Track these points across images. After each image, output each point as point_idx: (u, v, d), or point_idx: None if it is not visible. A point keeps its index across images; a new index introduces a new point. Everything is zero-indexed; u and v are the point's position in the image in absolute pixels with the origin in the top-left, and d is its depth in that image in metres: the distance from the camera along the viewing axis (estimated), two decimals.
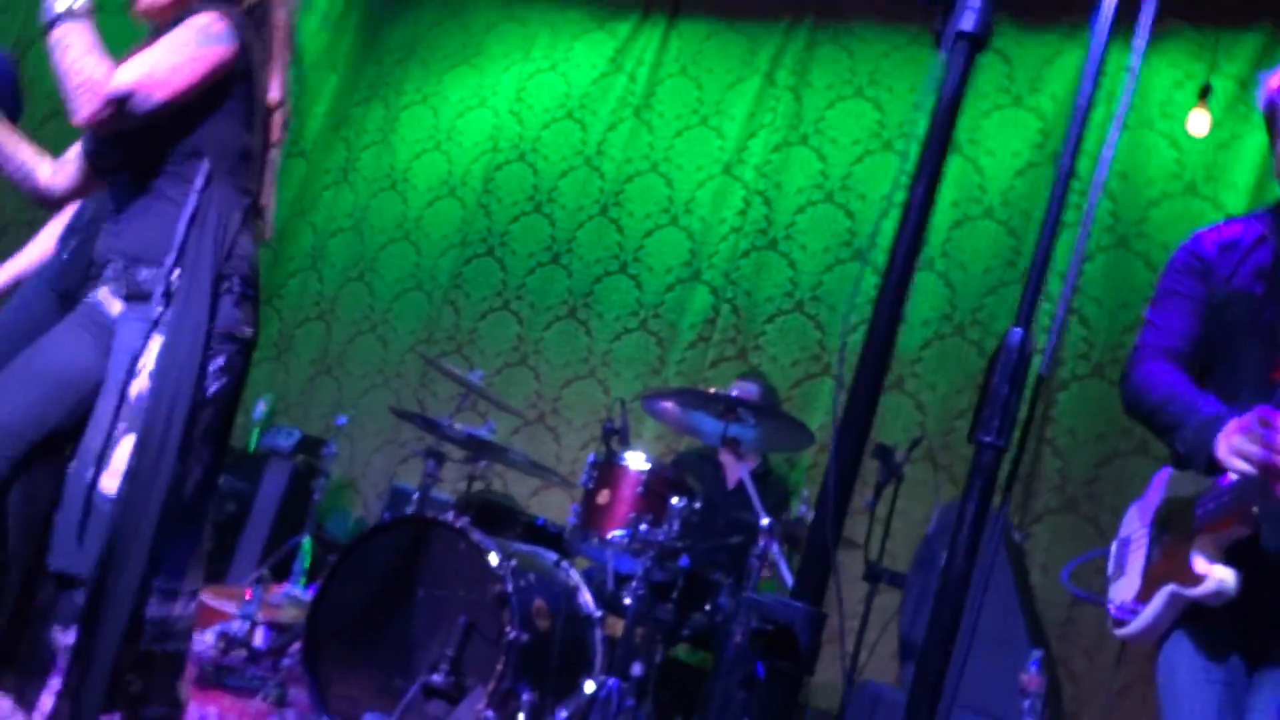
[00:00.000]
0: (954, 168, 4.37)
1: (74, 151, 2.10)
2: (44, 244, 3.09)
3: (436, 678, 2.64)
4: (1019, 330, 1.16)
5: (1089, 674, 3.46)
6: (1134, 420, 1.90)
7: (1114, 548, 2.00)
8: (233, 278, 1.89)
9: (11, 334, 2.58)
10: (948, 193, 4.36)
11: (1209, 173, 3.91)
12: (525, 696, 2.66)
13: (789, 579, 2.83)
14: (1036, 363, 1.21)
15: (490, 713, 2.57)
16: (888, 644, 3.36)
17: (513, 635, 2.64)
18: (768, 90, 4.89)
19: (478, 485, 4.01)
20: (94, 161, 2.00)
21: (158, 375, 1.78)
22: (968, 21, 1.17)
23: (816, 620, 1.13)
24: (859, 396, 1.23)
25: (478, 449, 3.33)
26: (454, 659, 2.67)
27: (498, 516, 3.53)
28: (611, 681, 2.72)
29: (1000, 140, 4.33)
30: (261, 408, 5.48)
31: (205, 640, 3.59)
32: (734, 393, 3.78)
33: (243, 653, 3.46)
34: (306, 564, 4.42)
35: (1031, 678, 2.84)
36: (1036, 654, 2.86)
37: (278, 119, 2.06)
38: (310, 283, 5.88)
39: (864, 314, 4.33)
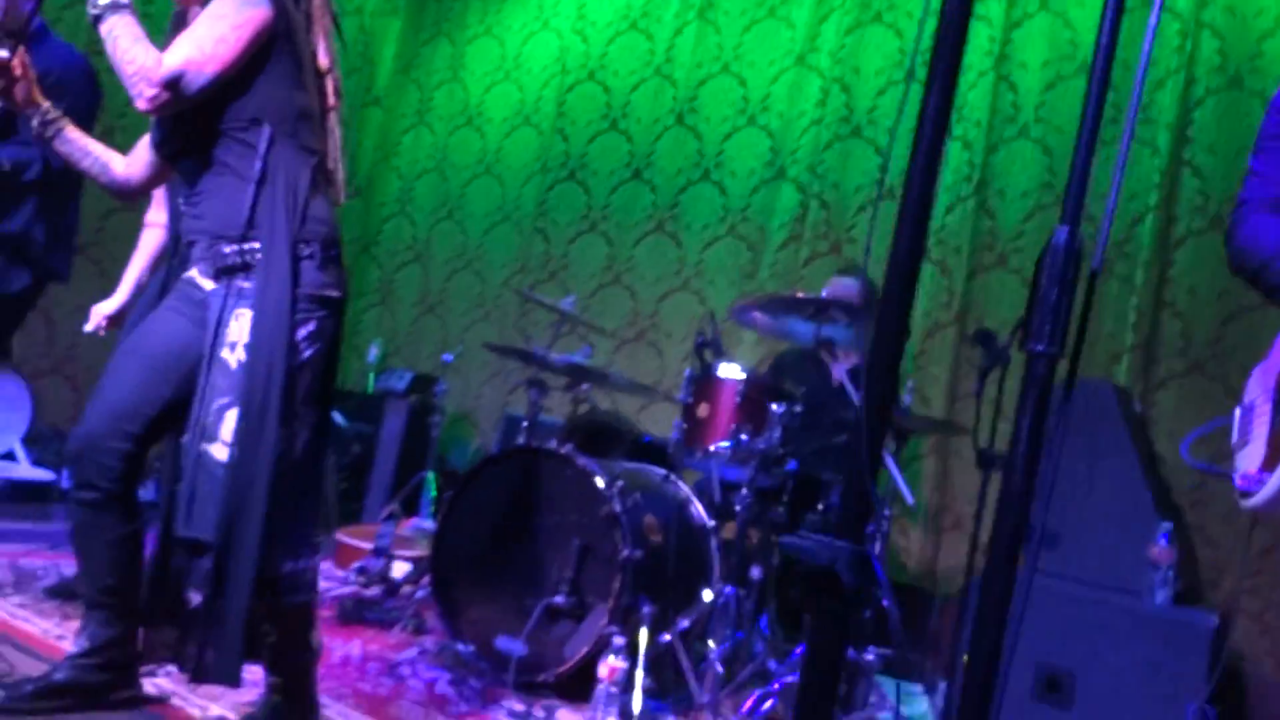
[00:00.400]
0: (1041, 25, 4.11)
1: (144, 143, 2.18)
2: (152, 238, 3.23)
3: (559, 599, 2.73)
4: (1064, 229, 1.09)
5: (1226, 539, 3.33)
6: (1242, 280, 1.78)
7: (1237, 414, 1.91)
8: (312, 243, 1.93)
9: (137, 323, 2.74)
10: (1037, 52, 4.12)
11: None
12: (645, 609, 2.72)
13: (895, 472, 2.80)
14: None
15: (614, 627, 2.65)
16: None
17: (626, 553, 2.70)
18: None
19: (583, 407, 4.07)
20: (162, 150, 2.07)
21: (251, 347, 1.84)
22: None
23: (858, 560, 1.10)
24: (893, 278, 1.14)
25: (577, 375, 3.37)
26: (573, 580, 2.75)
27: (604, 437, 3.59)
28: (728, 589, 2.76)
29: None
30: (374, 352, 5.67)
31: (345, 576, 3.80)
32: (830, 291, 3.72)
33: (380, 587, 3.65)
34: (433, 496, 4.59)
35: (1161, 550, 2.76)
36: (1165, 526, 2.77)
37: (330, 84, 2.07)
38: (403, 227, 5.98)
39: (960, 193, 4.18)
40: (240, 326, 1.87)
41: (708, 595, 2.82)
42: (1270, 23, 3.67)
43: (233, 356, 1.86)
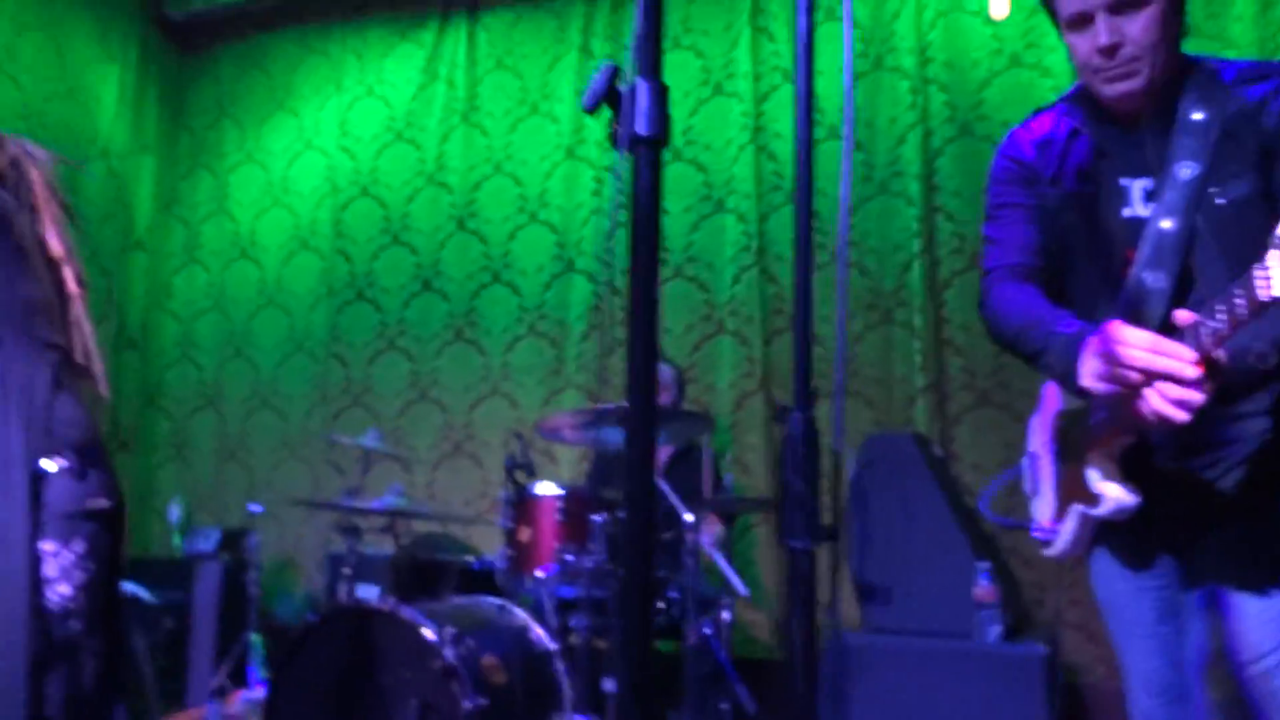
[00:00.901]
0: (786, 96, 4.33)
1: None
2: None
3: None
4: (797, 415, 1.09)
5: (1042, 558, 3.52)
6: (1001, 348, 1.87)
7: (1025, 463, 1.99)
8: (63, 452, 1.76)
9: None
10: (788, 121, 4.32)
11: (1028, 40, 3.92)
12: None
13: (724, 566, 2.81)
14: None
15: None
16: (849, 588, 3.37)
17: (469, 705, 2.57)
18: (588, 63, 4.76)
19: (405, 539, 3.91)
20: None
21: None
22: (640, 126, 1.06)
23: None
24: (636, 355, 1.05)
25: (392, 515, 3.23)
26: None
27: (431, 572, 3.44)
28: (582, 719, 2.68)
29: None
30: (176, 511, 5.28)
31: None
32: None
33: None
34: (262, 661, 4.28)
35: (984, 590, 2.87)
36: (984, 566, 2.89)
37: (68, 272, 1.92)
38: (188, 372, 5.63)
39: (742, 263, 4.31)
40: None
41: None
42: (984, 73, 3.99)
43: None
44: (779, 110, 4.38)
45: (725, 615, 3.03)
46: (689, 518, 2.70)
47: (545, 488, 2.89)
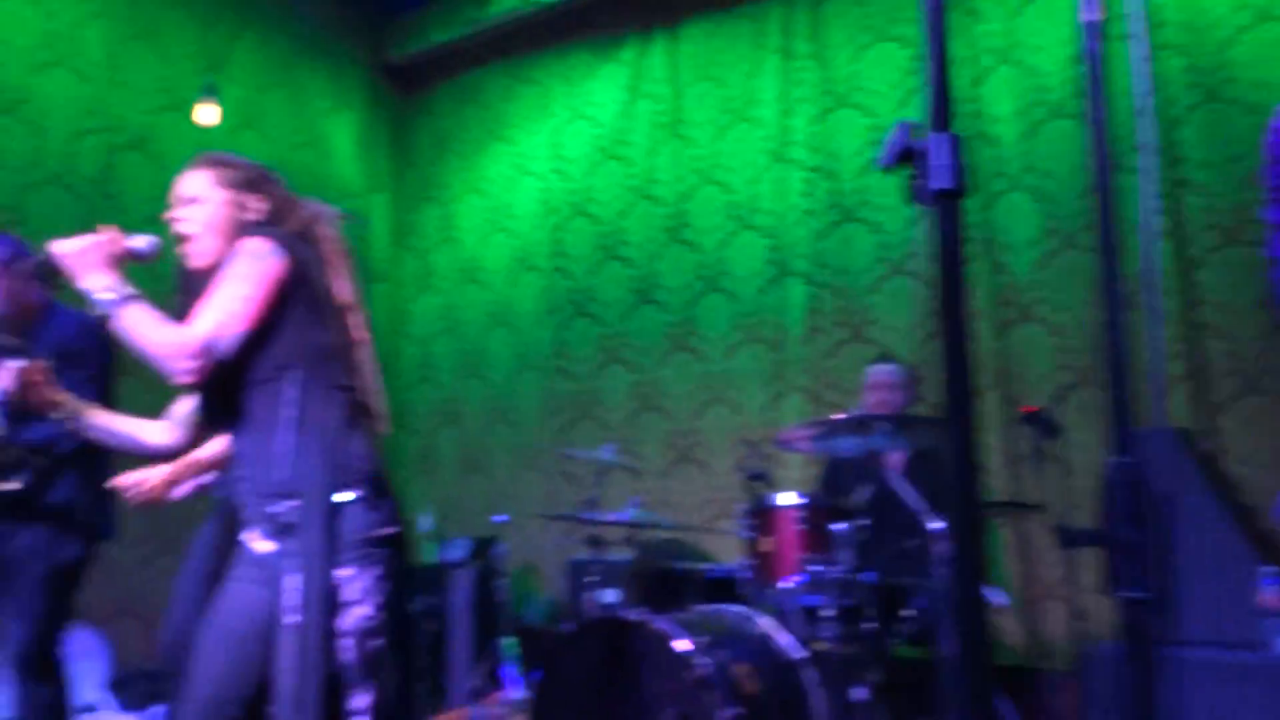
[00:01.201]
0: (1005, 75, 4.16)
1: (179, 407, 2.20)
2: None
3: None
4: (1114, 462, 1.05)
5: None
6: None
7: None
8: (356, 486, 1.92)
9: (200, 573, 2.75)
10: (1006, 102, 4.15)
11: None
12: None
13: None
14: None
15: None
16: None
17: (726, 715, 2.63)
18: (790, 64, 4.74)
19: (642, 548, 4.03)
20: (203, 418, 2.08)
21: (300, 609, 1.83)
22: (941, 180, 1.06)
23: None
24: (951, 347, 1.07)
25: (630, 527, 3.34)
26: None
27: (672, 582, 3.53)
28: None
29: None
30: (427, 522, 5.66)
31: None
32: (870, 380, 3.68)
33: None
34: (517, 662, 4.51)
35: (1270, 595, 2.66)
36: (1268, 570, 2.67)
37: (356, 319, 2.09)
38: (429, 391, 6.03)
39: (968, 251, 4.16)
40: (293, 591, 1.86)
41: None
42: (1227, 31, 3.68)
43: (290, 622, 1.85)
44: (994, 93, 4.20)
45: None
46: (934, 525, 2.64)
47: (785, 498, 2.91)
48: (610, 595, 4.00)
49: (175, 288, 2.28)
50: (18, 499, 2.93)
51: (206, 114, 5.07)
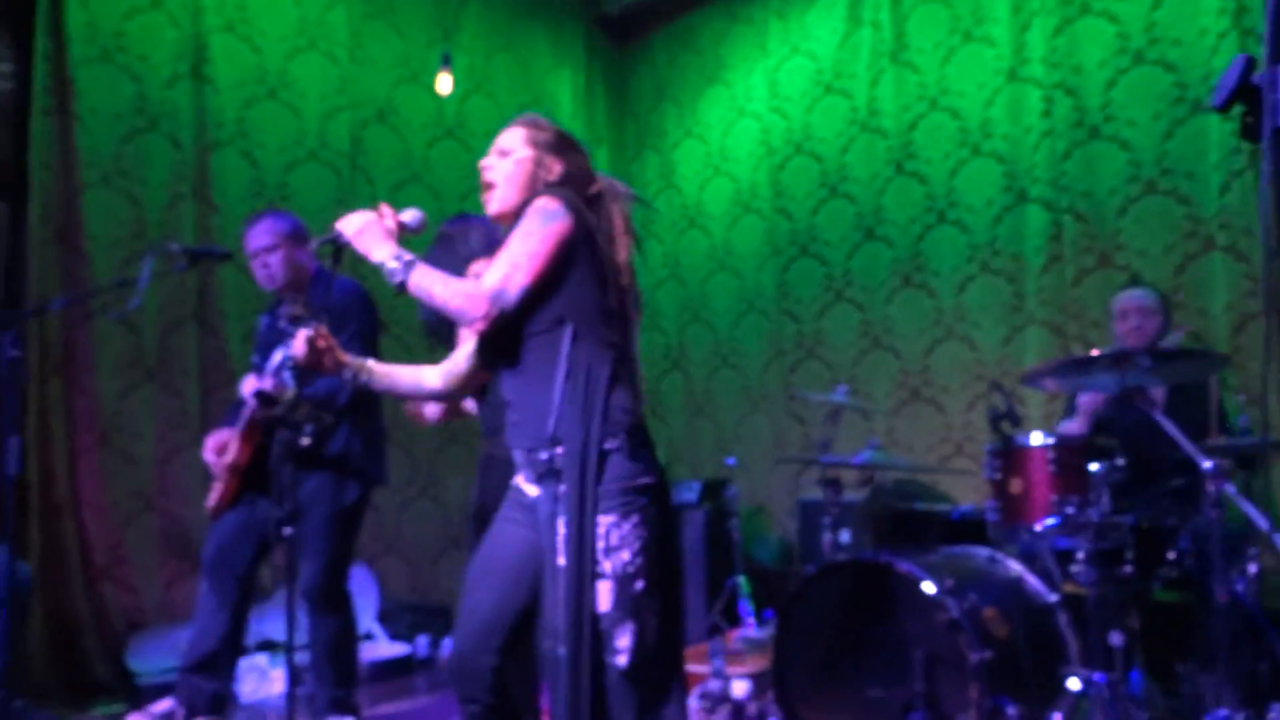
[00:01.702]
0: None
1: (460, 352, 2.36)
2: None
3: (916, 716, 2.65)
4: None
5: None
6: None
7: None
8: (617, 435, 2.01)
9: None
10: None
11: None
12: (1010, 711, 2.59)
13: (1256, 517, 2.53)
14: None
15: None
16: None
17: (975, 658, 2.59)
18: None
19: (874, 488, 3.99)
20: (479, 359, 2.24)
21: (568, 552, 1.94)
22: None
23: None
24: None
25: (865, 468, 3.31)
26: (927, 694, 2.66)
27: (912, 524, 3.48)
28: (1097, 677, 2.58)
29: None
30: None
31: (690, 705, 3.86)
32: (1120, 306, 3.46)
33: (727, 708, 3.69)
34: (750, 601, 4.61)
35: None
36: None
37: (630, 298, 2.16)
38: (655, 338, 6.16)
39: (1232, 167, 3.80)
40: (560, 532, 1.97)
41: (1074, 683, 2.64)
42: None
43: (560, 560, 1.97)
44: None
45: (1252, 568, 2.74)
46: (1206, 464, 2.46)
47: (1034, 437, 2.80)
48: (845, 536, 4.00)
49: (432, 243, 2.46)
50: (304, 450, 3.26)
51: (443, 83, 5.34)
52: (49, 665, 3.98)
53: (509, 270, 1.99)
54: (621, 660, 1.94)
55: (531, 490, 2.10)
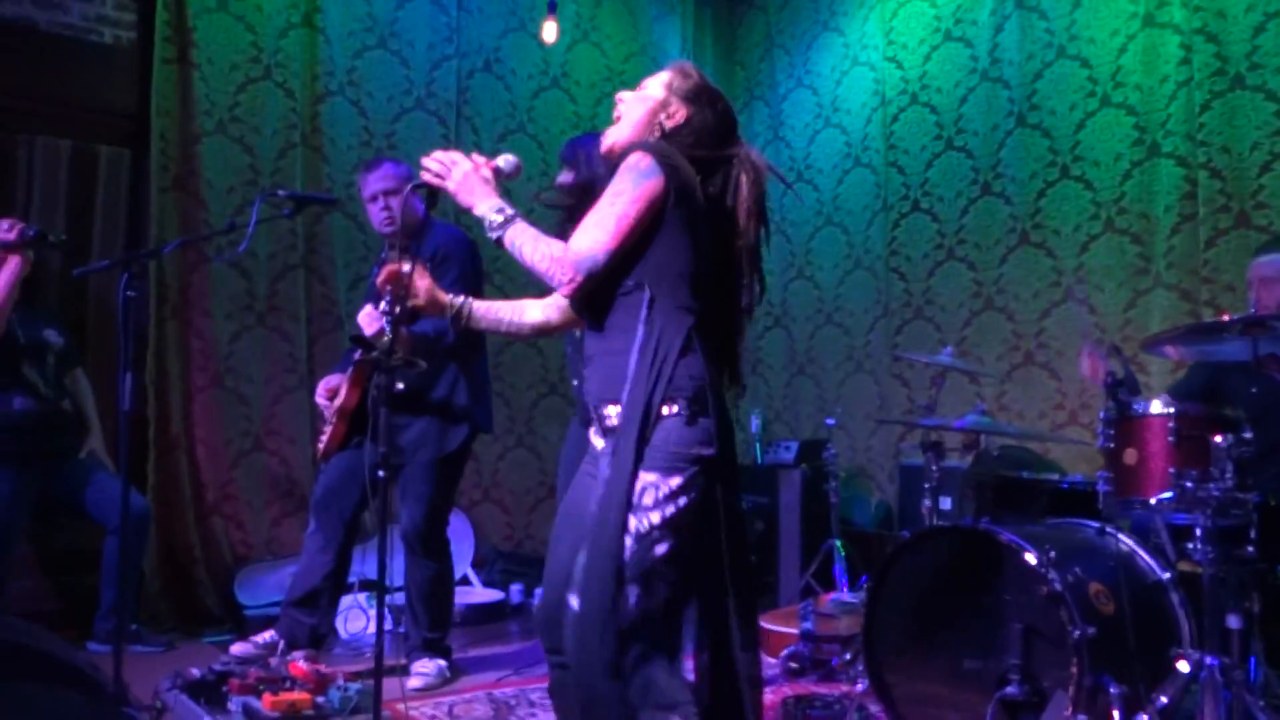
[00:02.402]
0: None
1: None
2: None
3: (1011, 690, 2.54)
4: None
5: None
6: None
7: None
8: (677, 400, 1.92)
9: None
10: None
11: None
12: (1113, 691, 2.46)
13: None
14: None
15: (1081, 716, 2.41)
16: None
17: (1077, 633, 2.46)
18: None
19: (981, 453, 3.83)
20: (575, 312, 2.21)
21: (599, 504, 1.91)
22: None
23: None
24: None
25: (970, 434, 3.18)
26: (1023, 667, 2.54)
27: (1017, 492, 3.33)
28: (1210, 660, 2.42)
29: None
30: (755, 422, 5.76)
31: (777, 664, 3.81)
32: (1258, 273, 3.22)
33: (815, 673, 3.63)
34: (846, 565, 4.52)
35: None
36: None
37: (744, 282, 2.08)
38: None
39: None
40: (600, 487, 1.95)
41: (1183, 666, 2.49)
42: None
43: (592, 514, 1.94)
44: None
45: None
46: None
47: (1153, 406, 2.62)
48: (946, 502, 3.86)
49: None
50: (410, 394, 3.31)
51: (549, 31, 5.31)
52: (163, 594, 4.19)
53: (597, 234, 1.94)
54: (622, 620, 1.86)
55: (598, 443, 2.07)
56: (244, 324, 4.53)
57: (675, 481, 1.89)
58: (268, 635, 3.47)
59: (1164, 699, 2.50)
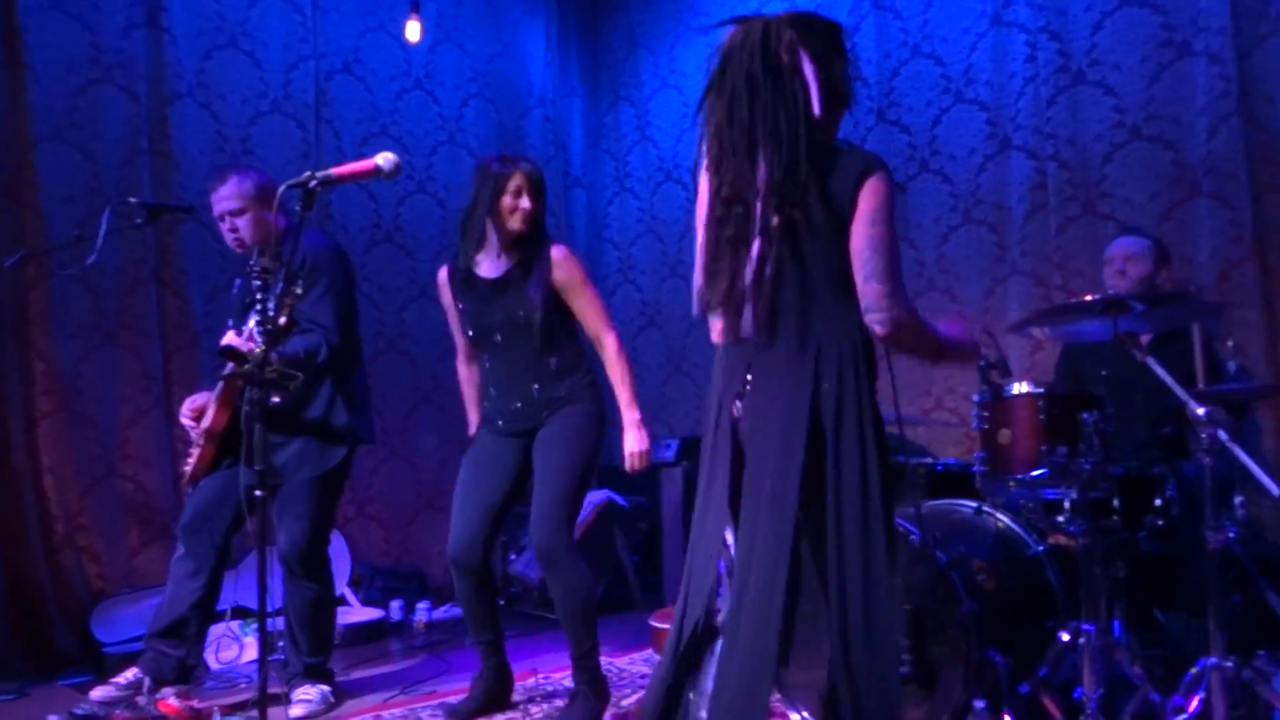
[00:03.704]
0: None
1: None
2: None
3: (902, 670, 2.60)
4: None
5: None
6: None
7: None
8: None
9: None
10: None
11: None
12: (998, 662, 2.54)
13: (1250, 464, 2.47)
14: None
15: (970, 691, 2.49)
16: None
17: (964, 609, 2.54)
18: None
19: None
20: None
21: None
22: None
23: None
24: None
25: None
26: (914, 647, 2.61)
27: (897, 477, 3.42)
28: (1087, 627, 2.53)
29: None
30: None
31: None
32: (1114, 254, 3.41)
33: None
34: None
35: None
36: None
37: None
38: (631, 294, 6.06)
39: (1217, 111, 3.73)
40: None
41: (1065, 635, 2.59)
42: None
43: None
44: None
45: (1241, 515, 2.70)
46: (1200, 410, 2.40)
47: (1022, 387, 2.73)
48: None
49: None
50: (285, 412, 3.16)
51: (412, 31, 5.18)
52: (12, 637, 3.87)
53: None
54: None
55: None
56: (91, 343, 4.24)
57: None
58: (131, 674, 3.25)
59: (1045, 668, 2.60)
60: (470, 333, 3.10)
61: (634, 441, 3.09)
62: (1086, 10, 4.09)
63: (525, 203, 2.98)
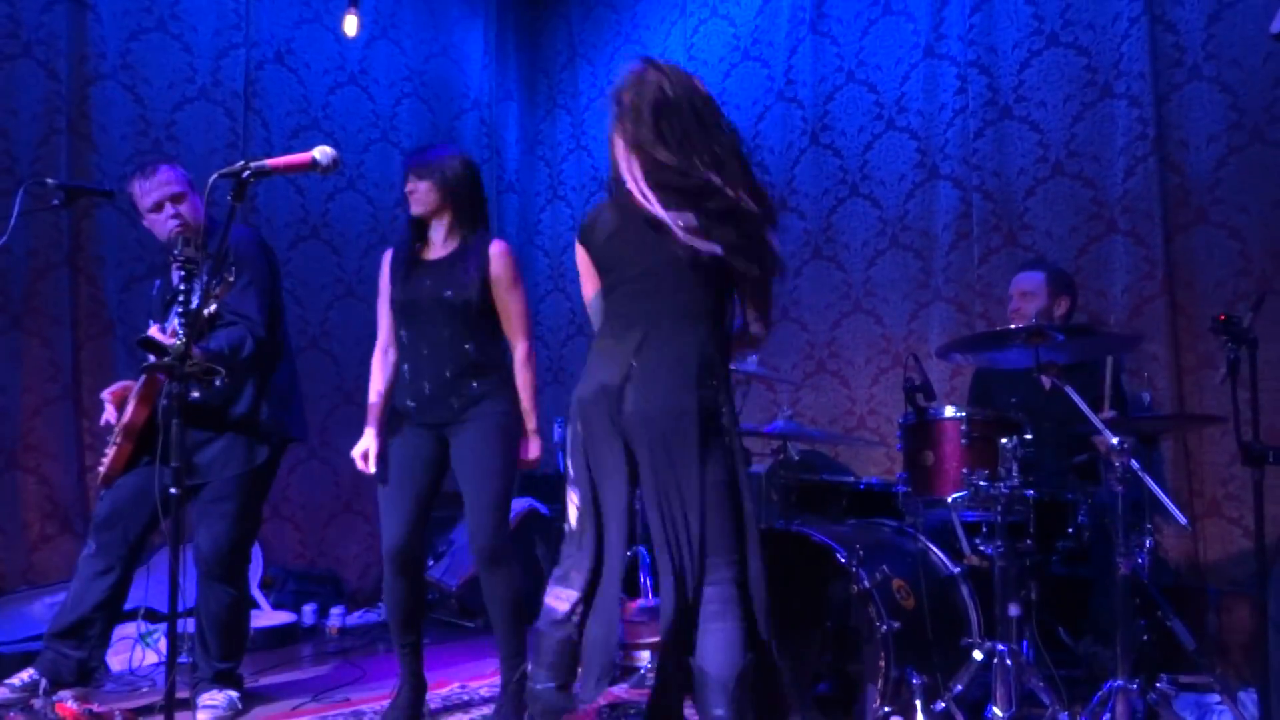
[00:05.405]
0: None
1: None
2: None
3: (823, 687, 2.64)
4: None
5: None
6: None
7: None
8: None
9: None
10: None
11: None
12: (915, 681, 2.60)
13: (1159, 493, 2.58)
14: None
15: (887, 708, 2.54)
16: None
17: (884, 628, 2.59)
18: None
19: (781, 457, 3.98)
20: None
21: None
22: None
23: None
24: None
25: (780, 438, 3.28)
26: (835, 665, 2.65)
27: (821, 495, 3.48)
28: (1000, 647, 2.60)
29: None
30: (558, 432, 5.72)
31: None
32: (1016, 288, 3.52)
33: (629, 679, 3.64)
34: (650, 572, 4.55)
35: None
36: None
37: None
38: (560, 303, 6.04)
39: (1135, 152, 3.88)
40: None
41: (977, 654, 2.66)
42: None
43: None
44: None
45: (1148, 542, 2.81)
46: (1114, 439, 2.50)
47: (947, 410, 2.80)
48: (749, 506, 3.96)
49: None
50: (209, 409, 3.06)
51: (350, 24, 5.09)
52: None
53: None
54: None
55: None
56: None
57: None
58: (27, 675, 3.11)
59: (959, 686, 2.67)
60: (397, 299, 3.02)
61: (526, 449, 3.08)
62: (1015, 48, 4.23)
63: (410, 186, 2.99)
